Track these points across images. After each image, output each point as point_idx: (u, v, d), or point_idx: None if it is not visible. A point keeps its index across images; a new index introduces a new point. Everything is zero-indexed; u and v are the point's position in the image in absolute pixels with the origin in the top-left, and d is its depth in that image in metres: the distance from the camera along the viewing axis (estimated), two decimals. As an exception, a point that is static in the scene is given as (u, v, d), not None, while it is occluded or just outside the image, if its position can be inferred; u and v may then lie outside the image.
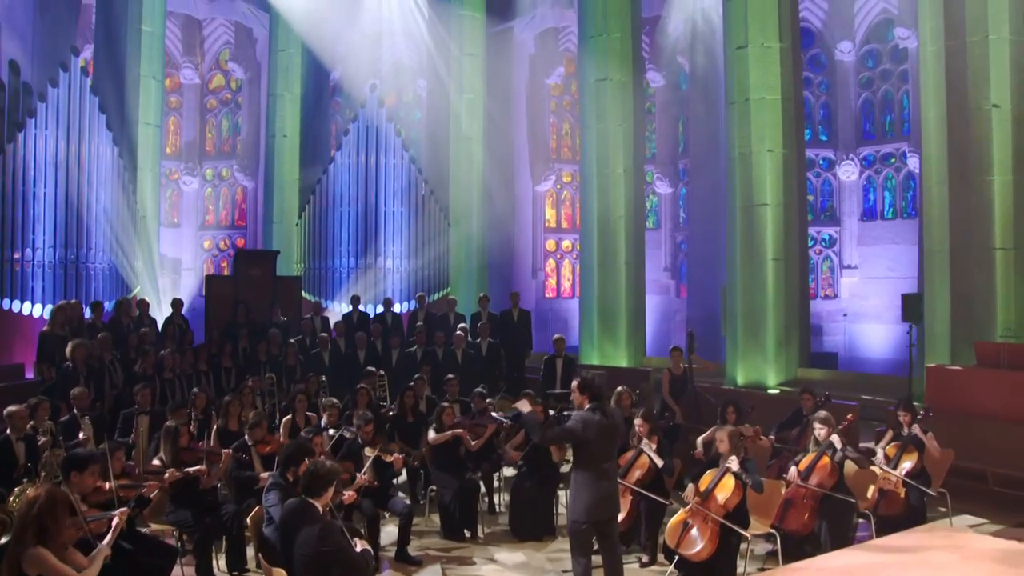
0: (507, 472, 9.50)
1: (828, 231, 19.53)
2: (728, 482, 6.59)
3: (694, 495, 6.65)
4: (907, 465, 7.67)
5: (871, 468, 7.58)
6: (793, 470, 7.17)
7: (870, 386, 12.72)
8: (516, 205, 21.11)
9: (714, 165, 17.49)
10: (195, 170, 22.04)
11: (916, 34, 13.95)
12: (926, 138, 11.48)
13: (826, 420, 7.24)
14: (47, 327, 11.30)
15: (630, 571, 6.85)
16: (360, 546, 5.85)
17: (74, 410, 8.59)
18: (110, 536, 5.13)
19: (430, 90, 19.54)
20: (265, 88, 20.57)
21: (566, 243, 22.00)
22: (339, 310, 15.73)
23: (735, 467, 6.61)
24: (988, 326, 10.61)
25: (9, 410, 7.42)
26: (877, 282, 18.70)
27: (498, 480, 9.35)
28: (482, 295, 14.00)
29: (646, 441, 7.45)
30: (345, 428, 8.06)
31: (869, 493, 7.56)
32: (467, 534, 8.10)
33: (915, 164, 17.14)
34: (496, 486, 9.23)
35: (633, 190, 15.59)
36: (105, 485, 6.02)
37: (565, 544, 6.53)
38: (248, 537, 6.69)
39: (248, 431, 7.71)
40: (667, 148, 21.70)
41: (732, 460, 6.64)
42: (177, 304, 12.97)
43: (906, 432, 7.90)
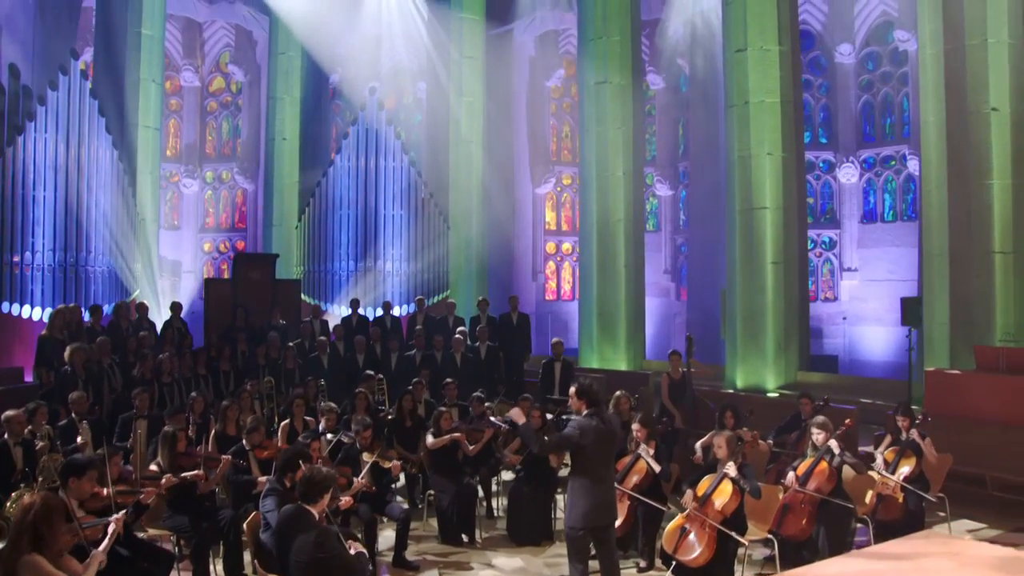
0: (505, 476, 9.50)
1: (828, 234, 19.54)
2: (726, 488, 6.59)
3: (692, 500, 6.66)
4: (905, 470, 7.68)
5: (869, 473, 7.58)
6: (791, 475, 7.16)
7: (869, 390, 12.69)
8: (516, 208, 21.09)
9: (714, 167, 17.48)
10: (195, 172, 22.06)
11: (916, 37, 13.92)
12: (925, 141, 11.46)
13: (824, 425, 7.23)
14: (46, 331, 11.29)
15: (627, 576, 6.86)
16: (355, 549, 5.86)
17: (72, 414, 8.60)
18: (106, 542, 5.14)
19: (430, 93, 19.51)
20: (265, 91, 20.58)
21: (566, 246, 21.97)
22: (339, 313, 15.70)
23: (733, 473, 6.61)
24: (987, 330, 10.58)
25: (6, 415, 7.40)
26: (877, 285, 18.69)
27: (496, 484, 9.35)
28: (481, 299, 13.99)
29: (644, 446, 7.44)
30: (343, 433, 8.05)
31: (867, 498, 7.54)
32: (465, 539, 8.10)
33: (915, 166, 17.12)
34: (494, 490, 9.23)
35: (632, 193, 15.55)
36: (103, 491, 6.02)
37: (563, 549, 6.51)
38: (245, 542, 6.68)
39: (246, 436, 7.71)
40: (667, 150, 21.69)
41: (730, 466, 6.64)
42: (176, 308, 12.95)
43: (904, 437, 7.90)
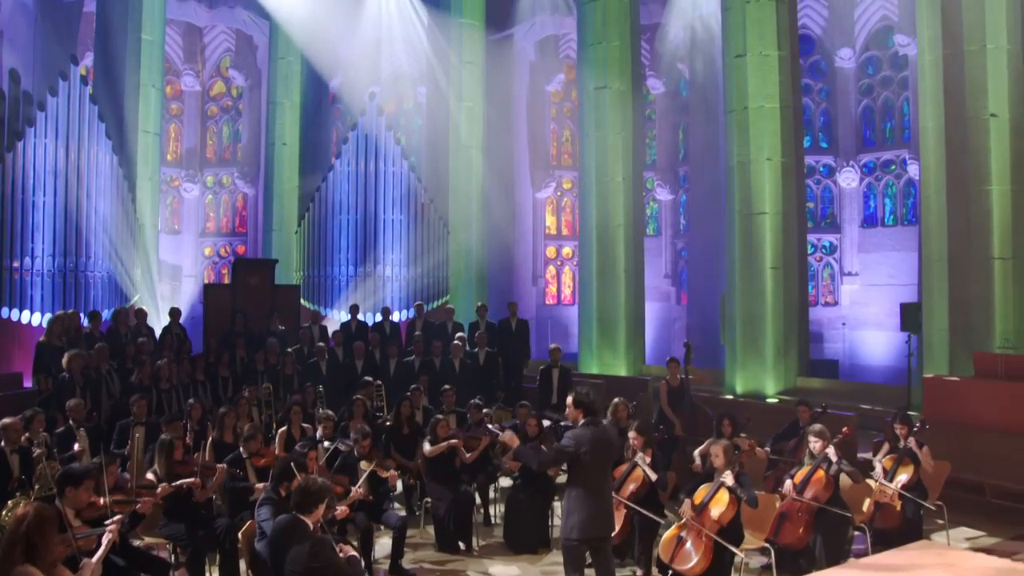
0: (503, 483, 9.48)
1: (828, 238, 19.52)
2: (722, 497, 6.57)
3: (690, 510, 6.63)
4: (903, 478, 7.66)
5: (867, 481, 7.56)
6: (788, 483, 7.13)
7: (869, 395, 12.68)
8: (516, 212, 21.09)
9: (714, 172, 17.47)
10: (196, 177, 22.08)
11: (916, 42, 13.91)
12: (924, 147, 11.44)
13: (821, 433, 7.20)
14: (44, 337, 11.28)
15: (624, 585, 6.84)
16: (347, 553, 5.87)
17: (70, 421, 8.60)
18: (100, 552, 5.13)
19: (430, 98, 19.49)
20: (265, 95, 20.61)
21: (566, 250, 21.96)
22: (338, 318, 15.69)
23: (730, 482, 6.59)
24: (986, 336, 10.55)
25: (3, 423, 7.39)
26: (878, 289, 18.68)
27: (494, 491, 9.33)
28: (480, 304, 13.98)
29: (640, 454, 7.42)
30: (340, 441, 8.04)
31: (865, 506, 7.53)
32: (462, 546, 8.08)
33: (915, 171, 17.09)
34: (492, 497, 9.21)
35: (632, 198, 15.54)
36: (100, 500, 6.02)
37: (560, 557, 6.47)
38: (241, 551, 6.67)
39: (243, 443, 7.70)
40: (667, 155, 21.68)
41: (727, 475, 6.62)
42: (175, 313, 12.93)
43: (902, 445, 7.88)
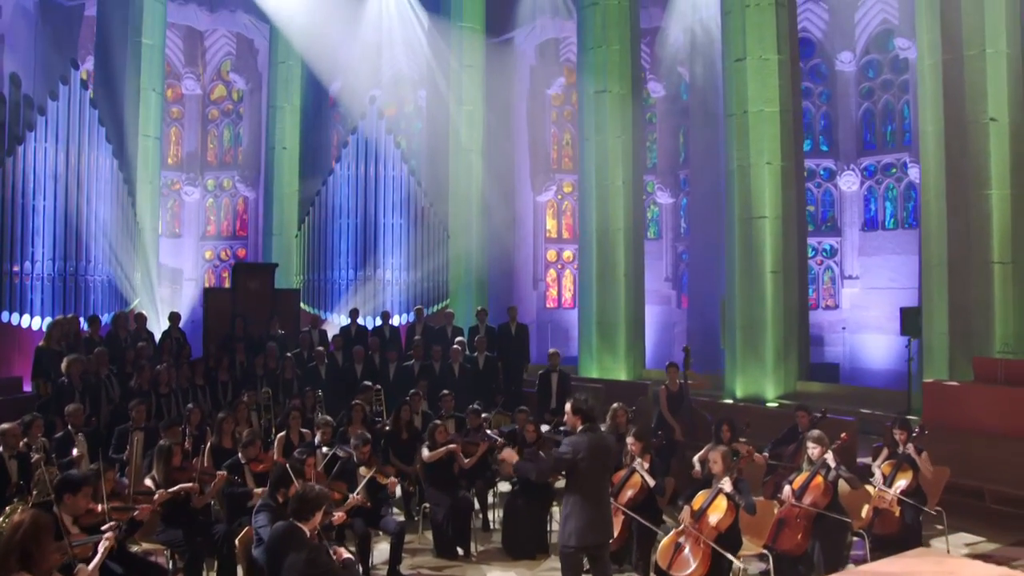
0: (503, 487, 9.46)
1: (829, 241, 19.50)
2: (721, 503, 6.55)
3: (689, 516, 6.61)
4: (902, 483, 7.64)
5: (865, 487, 7.54)
6: (787, 489, 7.11)
7: (869, 400, 12.66)
8: (517, 216, 21.09)
9: (714, 175, 17.45)
10: (196, 180, 22.12)
11: (916, 45, 13.91)
12: (924, 151, 11.44)
13: (819, 439, 7.19)
14: (43, 342, 11.27)
15: (622, 591, 6.83)
16: (342, 556, 5.86)
17: (68, 426, 8.59)
18: (97, 559, 5.12)
19: (430, 101, 19.49)
20: (266, 99, 20.63)
21: (567, 253, 21.95)
22: (338, 322, 15.68)
23: (728, 488, 6.57)
24: (986, 340, 10.55)
25: (1, 428, 7.39)
26: (879, 293, 18.64)
27: (493, 496, 9.31)
28: (480, 308, 13.97)
29: (639, 460, 7.41)
30: (339, 447, 8.02)
31: (864, 512, 7.51)
32: (460, 552, 8.06)
33: (916, 174, 17.07)
34: (491, 502, 9.20)
35: (632, 202, 15.55)
36: (97, 507, 6.01)
37: (558, 563, 6.47)
38: (239, 557, 6.66)
39: (242, 450, 7.68)
40: (668, 158, 21.67)
41: (725, 481, 6.60)
42: (174, 318, 12.93)
43: (901, 450, 7.86)
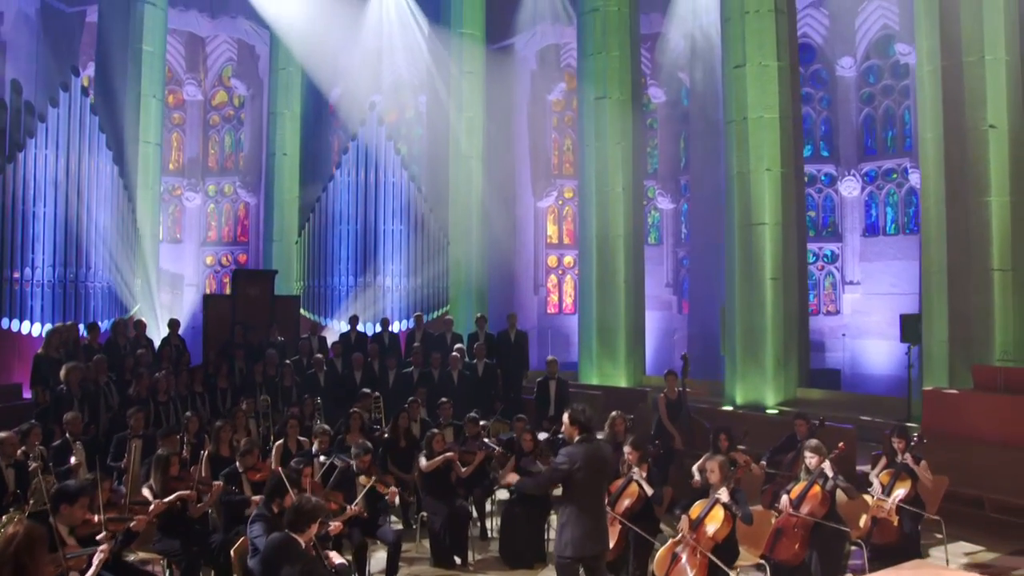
0: (501, 495, 9.43)
1: (830, 247, 19.50)
2: (718, 513, 6.51)
3: (687, 526, 6.58)
4: (900, 492, 7.62)
5: (864, 496, 7.52)
6: (784, 499, 7.09)
7: (869, 407, 12.64)
8: (518, 221, 21.09)
9: (715, 181, 17.44)
10: (198, 186, 22.15)
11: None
12: (924, 158, 11.43)
13: (817, 449, 7.16)
14: (42, 349, 11.26)
15: (619, 602, 6.79)
16: (334, 561, 5.84)
17: (66, 435, 8.57)
18: (91, 572, 5.12)
19: (430, 107, 19.48)
20: (267, 105, 20.65)
21: (568, 259, 21.94)
22: (338, 328, 15.68)
23: (725, 498, 6.54)
24: (986, 347, 10.54)
25: (-2, 436, 7.40)
26: (880, 298, 18.62)
27: (491, 504, 9.29)
28: (479, 315, 13.96)
29: (636, 469, 7.38)
30: (336, 456, 8.00)
31: (861, 522, 7.49)
32: (457, 561, 8.03)
33: (917, 180, 17.00)
34: (489, 510, 9.17)
35: (632, 208, 15.54)
36: (94, 518, 6.00)
37: (555, 572, 6.45)
38: (235, 567, 6.64)
39: (239, 458, 7.66)
40: (669, 164, 21.66)
41: (722, 491, 6.57)
42: (174, 325, 12.91)
43: (899, 459, 7.83)
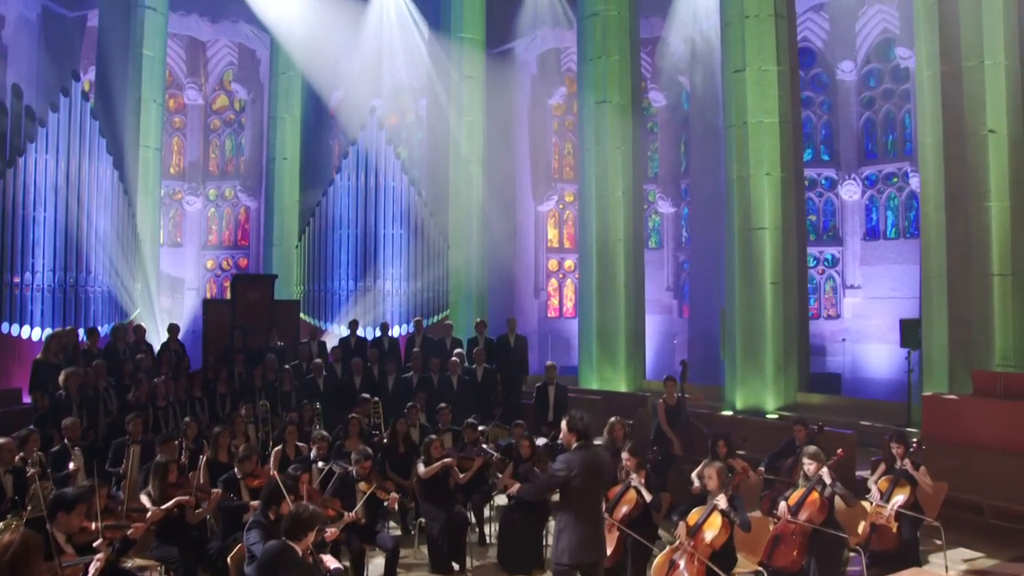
0: (499, 501, 9.41)
1: (831, 251, 19.49)
2: (715, 520, 6.50)
3: (684, 533, 6.57)
4: (899, 499, 7.60)
5: (862, 503, 7.50)
6: (782, 505, 7.07)
7: (869, 412, 12.60)
8: (518, 225, 21.09)
9: (715, 184, 17.42)
10: (198, 190, 22.17)
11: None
12: (923, 163, 11.41)
13: (815, 455, 7.14)
14: (41, 354, 11.27)
15: (617, 609, 6.77)
16: (330, 566, 5.83)
17: (65, 440, 8.57)
18: (88, 580, 5.12)
19: (430, 111, 19.48)
20: (267, 109, 20.67)
21: (568, 263, 21.94)
22: (338, 333, 15.66)
23: (723, 505, 6.53)
24: (986, 353, 10.50)
25: (-3, 442, 7.39)
26: (880, 302, 18.61)
27: (490, 510, 9.28)
28: (479, 320, 13.94)
29: (634, 475, 7.36)
30: (334, 462, 7.99)
31: (860, 528, 7.47)
32: (455, 567, 8.02)
33: (917, 183, 16.91)
34: (488, 516, 9.16)
35: (632, 212, 15.52)
36: (91, 525, 6.00)
37: (553, 578, 6.45)
38: (232, 574, 6.63)
39: (238, 464, 7.65)
40: (669, 167, 21.67)
41: (720, 498, 6.56)
42: (173, 330, 12.92)
43: (898, 465, 7.82)
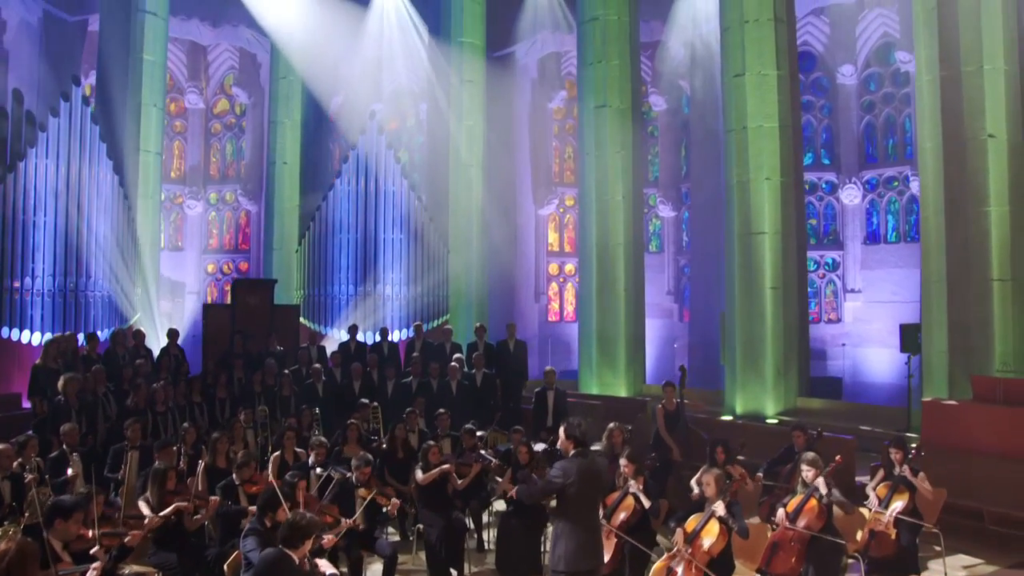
0: (498, 506, 9.39)
1: (831, 255, 19.47)
2: (713, 527, 6.49)
3: (682, 539, 6.55)
4: (898, 505, 7.59)
5: (860, 510, 7.48)
6: (781, 512, 7.06)
7: (869, 417, 12.57)
8: (519, 229, 21.08)
9: (715, 188, 17.41)
10: (199, 194, 22.19)
11: (915, 61, 13.89)
12: (923, 167, 11.41)
13: (814, 462, 7.12)
14: (39, 360, 11.28)
15: (614, 616, 6.75)
16: (328, 570, 5.83)
17: (63, 446, 8.57)
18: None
19: (430, 116, 19.47)
20: (267, 113, 20.70)
21: (569, 267, 21.92)
22: (338, 337, 15.66)
23: (721, 512, 6.52)
24: (986, 358, 10.49)
25: (-4, 448, 7.39)
26: (881, 306, 18.57)
27: (488, 515, 9.26)
28: (478, 325, 13.93)
29: (632, 482, 7.35)
30: (333, 468, 7.98)
31: (859, 535, 7.45)
32: (454, 573, 8.00)
33: (918, 187, 16.91)
34: (486, 521, 9.15)
35: (632, 216, 15.50)
36: (88, 532, 6.00)
37: (550, 585, 6.43)
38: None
39: (236, 470, 7.65)
40: (670, 171, 21.65)
41: (718, 505, 6.55)
42: (173, 335, 12.92)
43: (897, 471, 7.81)
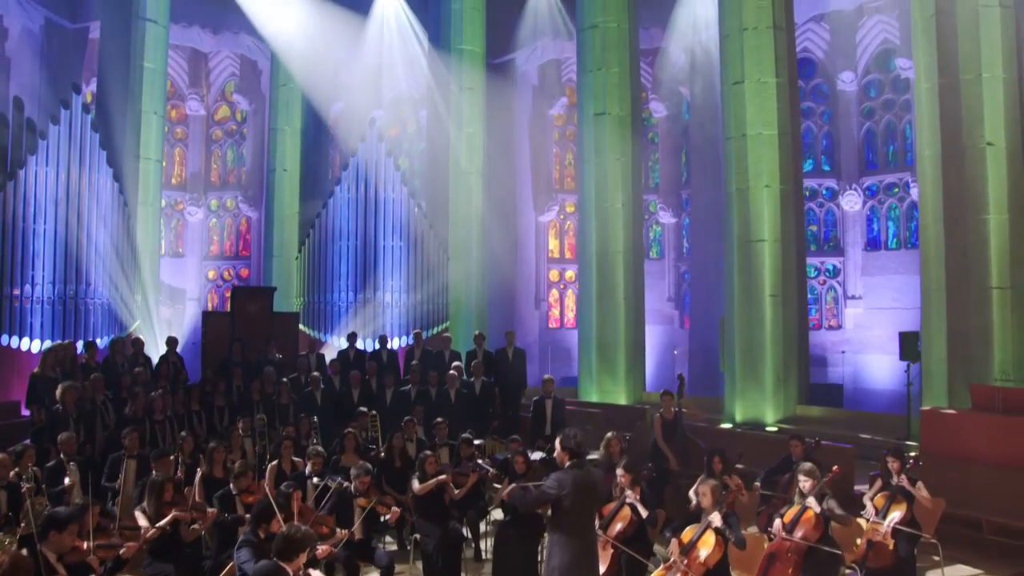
0: (495, 516, 9.38)
1: (832, 261, 19.46)
2: (709, 538, 6.46)
3: (678, 551, 6.53)
4: (896, 515, 7.56)
5: (857, 521, 7.46)
6: (778, 523, 7.03)
7: (869, 424, 12.56)
8: (519, 235, 21.08)
9: (715, 195, 17.39)
10: (200, 200, 22.23)
11: (914, 68, 13.90)
12: (922, 175, 11.42)
13: (811, 472, 7.09)
14: (38, 368, 11.27)
15: (611, 627, 6.73)
16: None
17: (61, 455, 8.55)
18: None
19: (430, 123, 19.48)
20: (268, 121, 20.73)
21: (569, 273, 21.92)
22: (338, 345, 15.65)
23: (717, 522, 6.49)
24: (985, 366, 10.49)
25: (-8, 458, 7.39)
26: (882, 313, 18.55)
27: (486, 525, 9.25)
28: (477, 333, 13.92)
29: (629, 492, 7.32)
30: (330, 477, 7.96)
31: (856, 545, 7.43)
32: (451, 583, 8.00)
33: (918, 194, 17.00)
34: (483, 531, 9.13)
35: (632, 224, 15.49)
36: (83, 544, 5.99)
37: (546, 597, 6.41)
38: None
39: (233, 480, 7.64)
40: (670, 178, 21.66)
41: (715, 515, 6.52)
42: (171, 342, 12.91)
43: (895, 481, 7.78)
